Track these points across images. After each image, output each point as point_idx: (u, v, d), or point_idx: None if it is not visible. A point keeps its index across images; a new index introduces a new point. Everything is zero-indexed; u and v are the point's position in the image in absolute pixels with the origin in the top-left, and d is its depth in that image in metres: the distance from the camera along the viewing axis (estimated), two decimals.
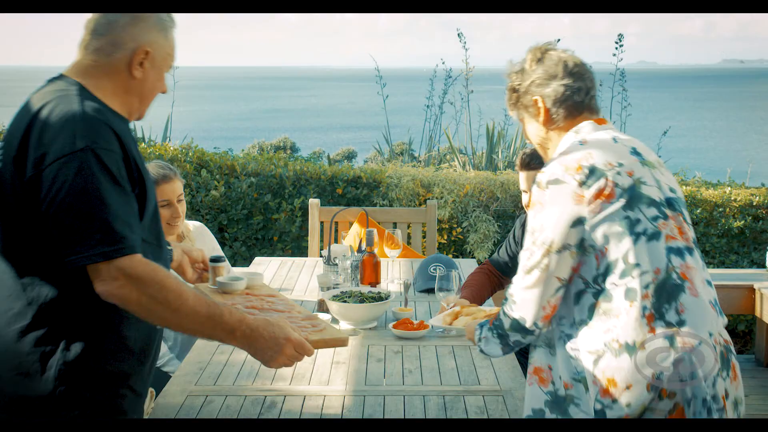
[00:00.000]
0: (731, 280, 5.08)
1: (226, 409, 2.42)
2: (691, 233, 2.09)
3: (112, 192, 1.89)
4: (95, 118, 1.93)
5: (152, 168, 3.41)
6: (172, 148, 6.66)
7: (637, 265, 1.96)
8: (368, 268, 3.58)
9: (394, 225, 4.88)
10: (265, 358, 2.02)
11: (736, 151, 29.05)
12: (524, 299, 2.04)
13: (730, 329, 5.93)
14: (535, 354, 2.13)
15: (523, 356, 3.34)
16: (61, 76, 2.07)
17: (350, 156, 14.85)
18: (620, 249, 1.97)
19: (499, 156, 8.85)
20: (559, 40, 8.54)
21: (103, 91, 2.04)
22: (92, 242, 1.85)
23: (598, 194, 1.98)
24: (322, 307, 3.34)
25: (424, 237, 4.99)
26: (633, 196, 2.00)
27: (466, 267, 4.17)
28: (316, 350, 2.13)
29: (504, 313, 2.11)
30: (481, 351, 2.22)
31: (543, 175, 2.04)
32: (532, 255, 2.03)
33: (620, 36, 9.41)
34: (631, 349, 1.93)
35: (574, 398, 2.01)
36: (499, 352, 2.17)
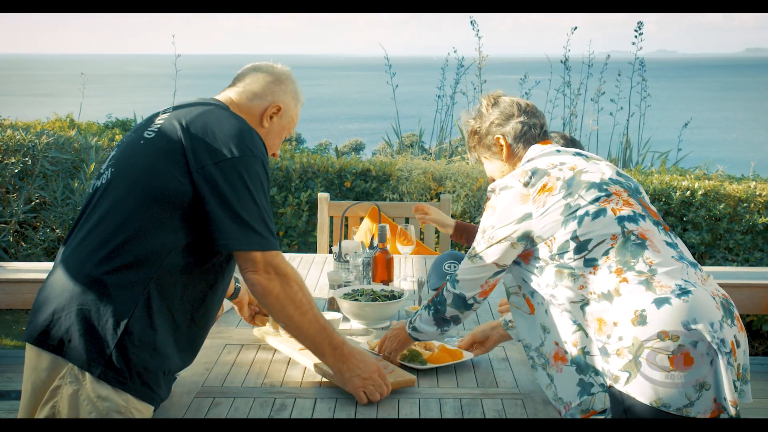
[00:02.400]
0: (756, 279, 5.05)
1: (234, 412, 2.42)
2: (641, 206, 2.38)
3: (267, 196, 2.30)
4: (253, 131, 2.33)
5: None
6: None
7: (589, 240, 2.30)
8: (380, 265, 3.57)
9: (407, 220, 4.87)
10: (352, 378, 2.44)
11: (760, 143, 28.90)
12: (466, 279, 2.49)
13: (755, 330, 5.90)
14: (544, 345, 2.43)
15: None
16: (211, 100, 2.45)
17: (358, 148, 14.83)
18: (567, 232, 2.32)
19: None
20: (575, 28, 8.42)
21: None
22: (253, 233, 2.23)
23: (542, 189, 2.36)
24: (332, 305, 3.33)
25: (437, 233, 4.98)
26: (572, 185, 2.36)
27: None
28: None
29: (447, 290, 2.55)
30: (414, 329, 2.65)
31: (495, 183, 2.44)
32: (477, 245, 2.46)
33: (640, 24, 9.35)
34: (608, 296, 2.27)
35: (584, 350, 2.34)
36: (432, 327, 2.61)
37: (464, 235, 3.89)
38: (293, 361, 2.81)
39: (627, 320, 2.22)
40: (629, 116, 9.24)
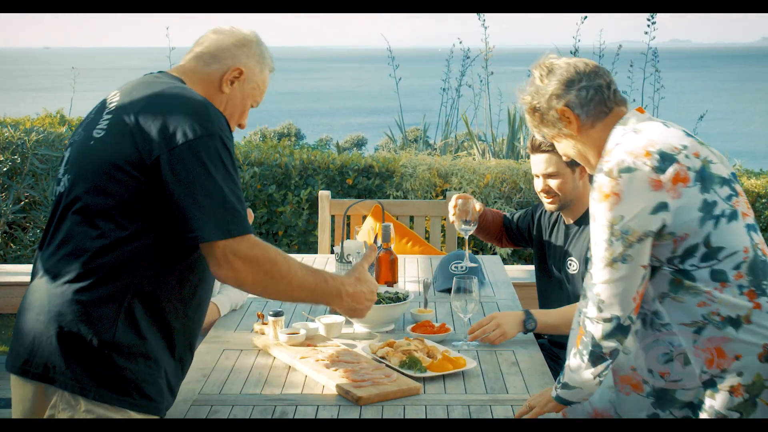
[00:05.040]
0: None
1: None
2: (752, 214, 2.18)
3: (232, 176, 2.16)
4: (213, 107, 2.21)
5: None
6: None
7: (722, 248, 2.05)
8: (384, 266, 3.56)
9: (411, 219, 4.86)
10: (360, 309, 2.43)
11: None
12: (613, 295, 2.08)
13: None
14: (614, 363, 2.19)
15: (552, 360, 3.32)
16: (163, 72, 2.37)
17: (360, 143, 14.83)
18: (701, 234, 2.05)
19: (522, 143, 8.80)
20: (585, 17, 8.39)
21: None
22: (215, 220, 2.11)
23: (676, 179, 2.05)
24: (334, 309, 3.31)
25: (443, 232, 4.96)
26: (705, 178, 2.08)
27: (489, 264, 4.14)
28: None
29: (591, 322, 2.13)
30: (564, 387, 2.24)
31: (609, 164, 2.08)
32: (611, 246, 2.07)
33: (653, 13, 9.33)
34: (735, 322, 2.02)
35: (676, 381, 2.08)
36: (589, 376, 2.18)
37: (487, 217, 3.72)
38: (294, 367, 2.80)
39: (754, 354, 2.02)
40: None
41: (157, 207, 2.15)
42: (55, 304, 2.13)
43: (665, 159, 2.06)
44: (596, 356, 2.14)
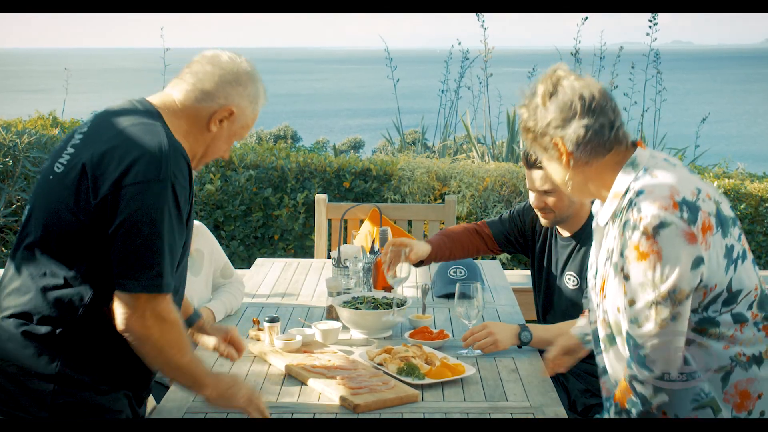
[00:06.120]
0: None
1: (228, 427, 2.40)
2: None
3: (173, 229, 2.15)
4: (179, 152, 2.18)
5: None
6: None
7: (740, 290, 2.07)
8: (382, 272, 3.55)
9: (409, 223, 4.86)
10: (237, 396, 2.35)
11: None
12: (664, 353, 2.05)
13: None
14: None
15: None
16: (143, 102, 2.30)
17: (357, 146, 14.84)
18: (725, 281, 2.05)
19: (522, 146, 8.81)
20: (586, 18, 8.38)
21: (177, 131, 2.26)
22: (141, 274, 2.10)
23: (704, 228, 2.02)
24: (331, 314, 3.31)
25: None
26: (722, 222, 2.07)
27: (489, 269, 4.14)
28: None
29: (641, 384, 2.09)
30: None
31: (645, 221, 2.01)
32: (660, 307, 2.03)
33: (654, 14, 9.34)
34: (758, 359, 2.06)
35: None
36: None
37: (443, 250, 3.43)
38: (289, 374, 2.79)
39: None
40: (644, 111, 9.22)
41: (98, 250, 2.15)
42: (3, 338, 2.20)
43: (691, 208, 2.01)
44: (645, 413, 2.13)
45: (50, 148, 6.29)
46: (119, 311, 2.14)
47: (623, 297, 2.09)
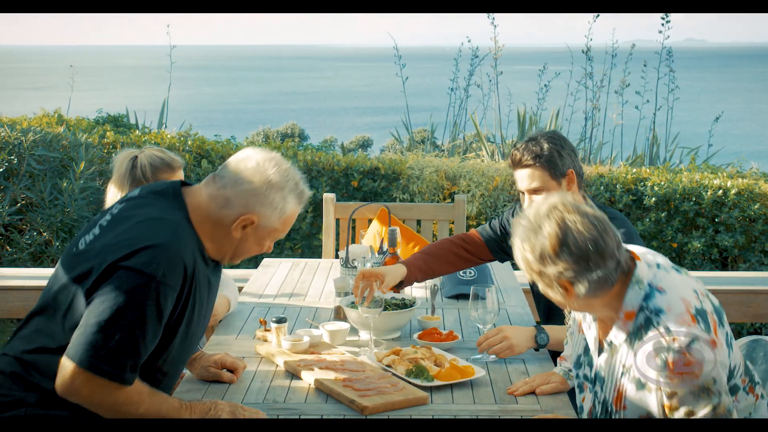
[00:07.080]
0: None
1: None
2: None
3: (146, 324, 2.20)
4: (177, 253, 2.24)
5: (154, 153, 3.30)
6: (169, 136, 6.66)
7: (735, 366, 2.30)
8: None
9: (418, 223, 4.85)
10: (220, 414, 2.39)
11: None
12: None
13: None
14: None
15: None
16: (179, 189, 2.40)
17: (365, 144, 14.83)
18: (728, 363, 2.25)
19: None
20: (598, 15, 8.31)
21: (203, 231, 2.36)
22: (99, 354, 2.17)
23: (714, 329, 2.19)
24: (339, 314, 3.31)
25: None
26: (718, 314, 2.26)
27: (499, 269, 4.13)
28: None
29: None
30: None
31: (677, 342, 2.13)
32: (719, 400, 2.14)
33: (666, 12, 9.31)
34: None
35: None
36: None
37: (423, 270, 3.35)
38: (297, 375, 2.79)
39: None
40: (656, 109, 9.20)
41: None
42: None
43: (702, 316, 2.19)
44: None
45: (55, 146, 6.30)
46: (63, 376, 2.22)
47: (669, 411, 2.19)
